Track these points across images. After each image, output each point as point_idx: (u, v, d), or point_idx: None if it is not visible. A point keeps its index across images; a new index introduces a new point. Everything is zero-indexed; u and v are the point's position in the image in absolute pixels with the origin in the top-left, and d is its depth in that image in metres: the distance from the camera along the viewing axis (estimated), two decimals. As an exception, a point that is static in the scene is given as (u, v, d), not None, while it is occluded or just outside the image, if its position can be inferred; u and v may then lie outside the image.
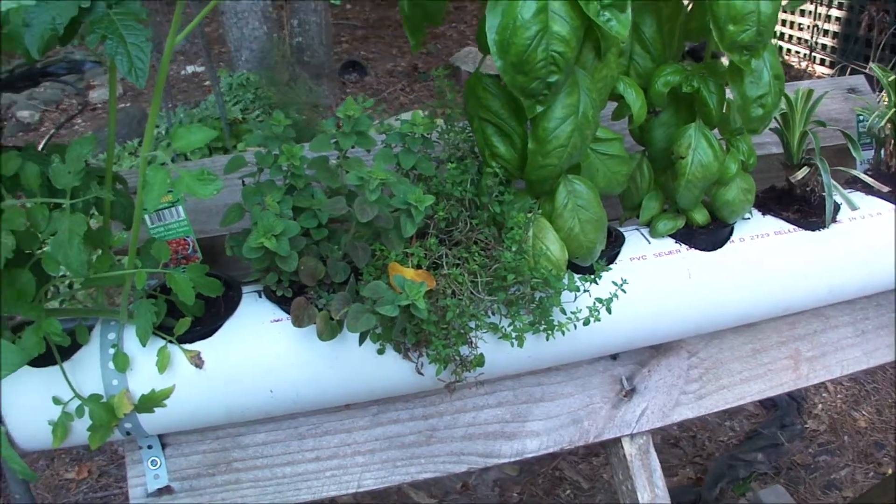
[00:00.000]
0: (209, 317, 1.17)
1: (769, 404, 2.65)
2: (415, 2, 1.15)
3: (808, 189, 1.34)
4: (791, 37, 5.63)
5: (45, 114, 5.29)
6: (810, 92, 1.35)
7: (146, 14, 0.87)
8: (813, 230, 1.33)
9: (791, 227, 1.33)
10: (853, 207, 1.30)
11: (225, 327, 1.16)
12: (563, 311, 1.17)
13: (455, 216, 1.20)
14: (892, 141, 1.42)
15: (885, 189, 1.38)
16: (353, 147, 1.15)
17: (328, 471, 1.27)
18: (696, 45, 1.32)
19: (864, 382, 2.85)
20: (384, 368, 1.17)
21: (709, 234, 1.29)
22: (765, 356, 1.43)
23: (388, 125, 1.25)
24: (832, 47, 5.21)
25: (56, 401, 1.07)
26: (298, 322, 1.13)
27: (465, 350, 1.15)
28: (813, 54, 5.33)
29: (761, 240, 1.31)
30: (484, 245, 1.17)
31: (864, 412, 2.70)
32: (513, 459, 1.31)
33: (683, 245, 1.28)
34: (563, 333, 1.16)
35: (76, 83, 5.67)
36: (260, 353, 1.14)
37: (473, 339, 1.16)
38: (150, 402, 1.08)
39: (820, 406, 2.71)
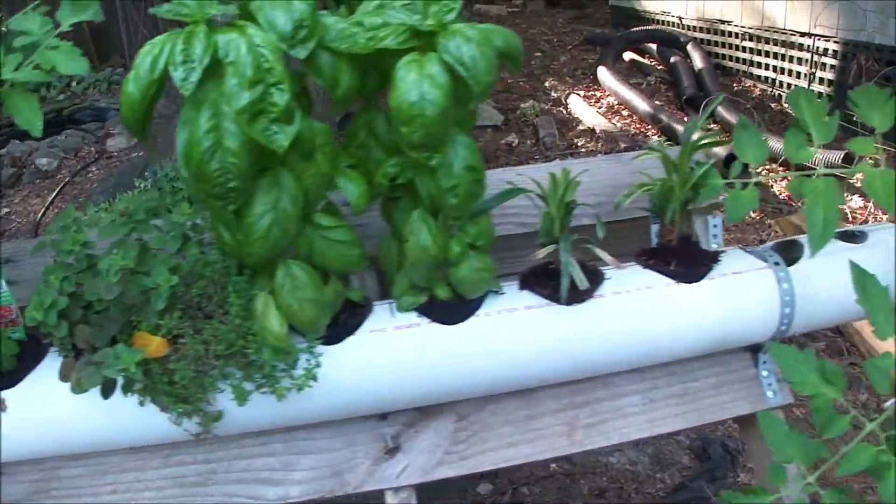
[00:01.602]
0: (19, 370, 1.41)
1: (704, 457, 2.63)
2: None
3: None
4: (789, 85, 5.50)
5: (64, 161, 5.44)
6: (566, 172, 1.43)
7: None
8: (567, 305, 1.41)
9: (545, 301, 1.42)
10: (580, 286, 1.37)
11: (27, 379, 1.39)
12: (292, 377, 1.33)
13: (210, 292, 1.38)
14: (665, 217, 1.48)
15: (611, 266, 1.44)
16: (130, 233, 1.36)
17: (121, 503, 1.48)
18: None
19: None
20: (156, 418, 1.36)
21: (452, 308, 1.40)
22: (538, 422, 1.51)
23: None
24: (828, 95, 5.08)
25: None
26: (64, 378, 1.35)
27: (210, 405, 1.33)
28: None
29: (508, 314, 1.40)
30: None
31: (798, 467, 2.62)
32: (276, 502, 1.47)
33: (425, 319, 1.40)
34: (282, 396, 1.32)
35: (96, 131, 5.80)
36: (56, 400, 1.35)
37: (211, 398, 1.34)
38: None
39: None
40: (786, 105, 5.50)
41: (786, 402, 1.63)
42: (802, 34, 5.44)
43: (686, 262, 1.48)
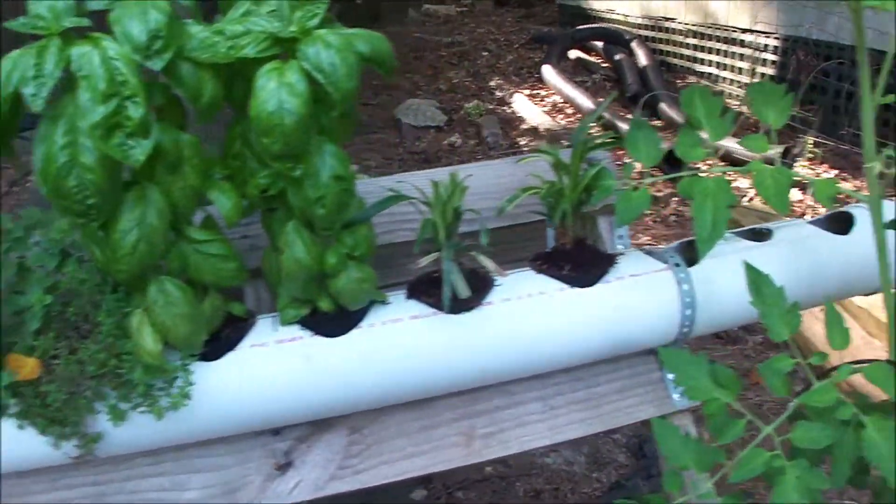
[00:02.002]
0: None
1: (640, 454, 2.62)
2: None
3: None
4: (732, 80, 5.57)
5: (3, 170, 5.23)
6: (453, 177, 1.40)
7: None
8: (455, 313, 1.38)
9: (431, 311, 1.39)
10: (460, 295, 1.34)
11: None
12: (170, 395, 1.29)
13: (87, 310, 1.33)
14: (561, 221, 1.45)
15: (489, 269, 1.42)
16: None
17: (8, 526, 1.43)
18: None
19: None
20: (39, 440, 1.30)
21: (335, 320, 1.36)
22: (434, 433, 1.48)
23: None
24: None
25: None
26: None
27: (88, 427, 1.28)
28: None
29: (392, 324, 1.37)
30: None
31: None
32: (168, 525, 1.43)
33: (308, 332, 1.36)
34: (160, 415, 1.28)
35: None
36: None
37: (89, 419, 1.29)
38: None
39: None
40: (728, 100, 5.53)
41: (692, 405, 1.61)
42: (744, 30, 5.48)
43: (580, 265, 1.45)
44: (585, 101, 5.21)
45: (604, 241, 1.69)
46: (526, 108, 5.50)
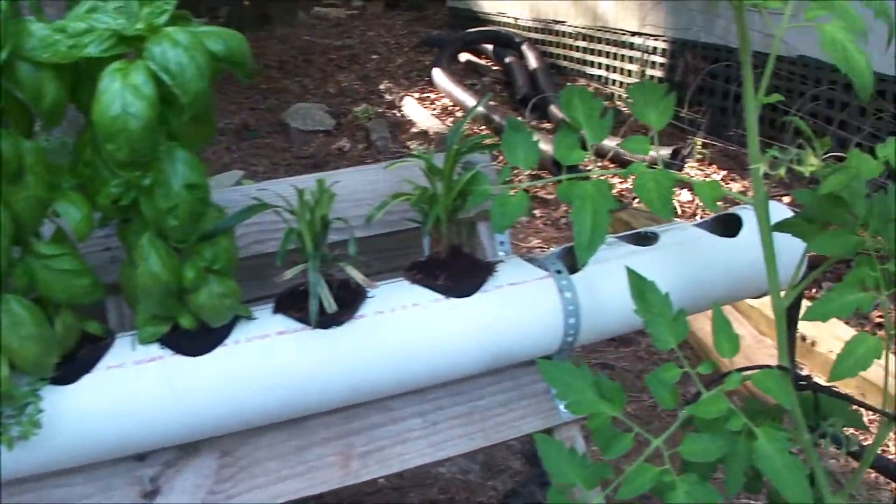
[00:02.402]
0: None
1: (535, 461, 2.60)
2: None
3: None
4: (621, 83, 5.71)
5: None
6: (320, 183, 1.34)
7: None
8: (325, 327, 1.31)
9: (300, 325, 1.32)
10: (329, 309, 1.27)
11: None
12: (21, 424, 1.19)
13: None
14: (435, 229, 1.40)
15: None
16: None
17: None
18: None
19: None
20: None
21: (198, 338, 1.28)
22: (309, 453, 1.41)
23: None
24: None
25: None
26: None
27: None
28: None
29: (259, 341, 1.29)
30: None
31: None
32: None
33: (169, 350, 1.27)
34: (10, 445, 1.17)
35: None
36: None
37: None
38: None
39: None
40: (618, 103, 5.60)
41: (580, 417, 1.57)
42: (633, 33, 5.56)
43: (456, 274, 1.40)
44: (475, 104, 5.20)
45: (484, 249, 1.64)
46: (416, 111, 5.46)
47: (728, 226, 1.70)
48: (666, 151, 4.26)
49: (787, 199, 3.56)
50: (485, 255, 1.62)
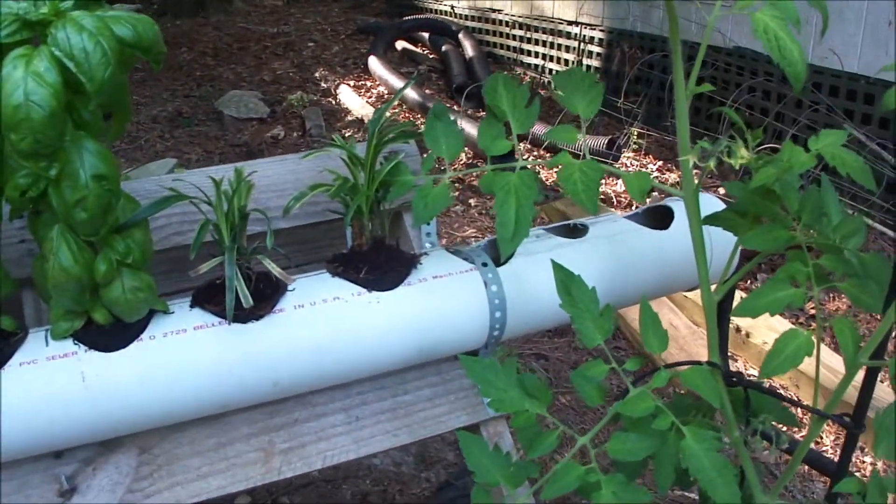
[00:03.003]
0: None
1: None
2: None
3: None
4: (557, 72, 5.76)
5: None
6: (238, 173, 1.30)
7: None
8: (243, 322, 1.28)
9: (217, 320, 1.29)
10: (246, 303, 1.24)
11: None
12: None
13: None
14: (357, 220, 1.38)
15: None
16: None
17: None
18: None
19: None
20: None
21: (113, 333, 1.24)
22: (230, 449, 1.38)
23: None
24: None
25: None
26: None
27: None
28: None
29: (175, 336, 1.26)
30: None
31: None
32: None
33: (83, 346, 1.24)
34: None
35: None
36: None
37: None
38: None
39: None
40: (557, 92, 5.61)
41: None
42: (570, 22, 5.57)
43: (379, 267, 1.37)
44: (410, 93, 5.17)
45: (410, 240, 1.62)
46: (351, 99, 5.41)
47: (660, 218, 1.70)
48: (601, 141, 4.27)
49: (722, 191, 3.60)
50: (411, 246, 1.60)
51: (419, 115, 5.15)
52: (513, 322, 1.47)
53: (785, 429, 1.94)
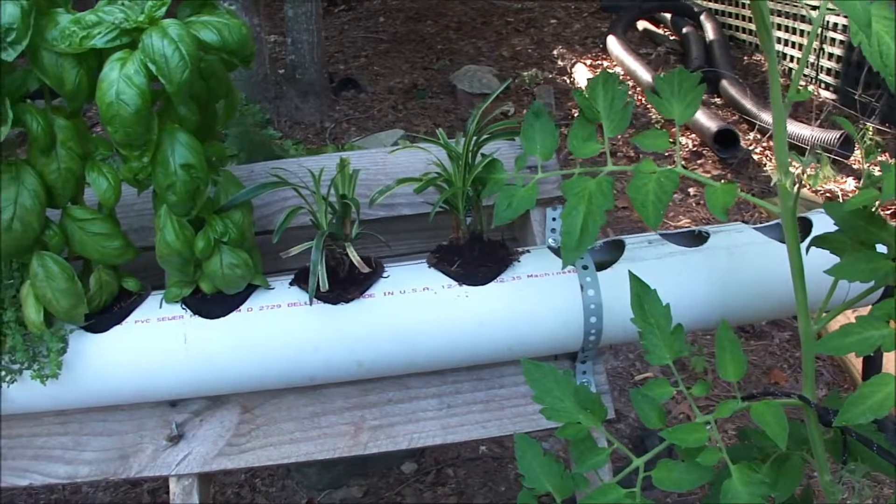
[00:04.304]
0: None
1: (641, 449, 2.56)
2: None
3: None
4: (797, 59, 5.25)
5: None
6: (343, 163, 1.40)
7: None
8: (333, 303, 1.38)
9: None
10: (323, 287, 1.33)
11: None
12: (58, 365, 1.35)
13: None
14: (454, 215, 1.42)
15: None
16: None
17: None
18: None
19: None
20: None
21: (216, 302, 1.38)
22: (323, 420, 1.49)
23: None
24: (836, 71, 4.80)
25: None
26: None
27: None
28: (819, 78, 4.97)
29: (269, 310, 1.38)
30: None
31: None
32: (66, 481, 1.48)
33: (189, 311, 1.39)
34: (43, 380, 1.35)
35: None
36: None
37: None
38: None
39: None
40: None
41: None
42: (813, 7, 5.20)
43: (472, 262, 1.41)
44: (645, 75, 5.06)
45: (534, 234, 1.64)
46: (585, 78, 5.38)
47: (800, 230, 1.59)
48: (834, 136, 3.99)
49: None
50: (535, 240, 1.62)
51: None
52: (610, 328, 1.44)
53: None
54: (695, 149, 4.43)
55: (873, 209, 1.12)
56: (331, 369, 1.41)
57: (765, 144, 4.42)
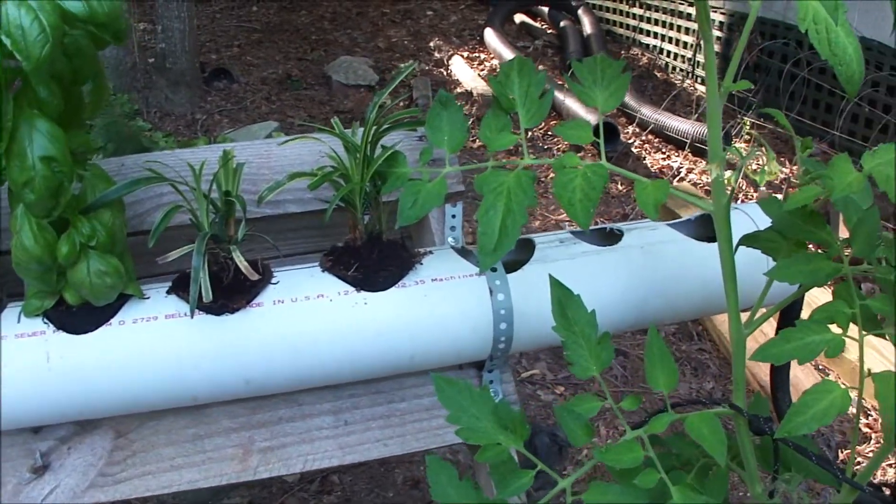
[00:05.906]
0: None
1: (530, 448, 2.48)
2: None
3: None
4: (676, 55, 5.41)
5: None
6: (226, 155, 1.24)
7: None
8: (217, 314, 1.23)
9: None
10: (206, 297, 1.18)
11: None
12: None
13: None
14: (350, 213, 1.29)
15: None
16: None
17: None
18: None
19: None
20: None
21: (82, 315, 1.21)
22: (208, 443, 1.33)
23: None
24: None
25: None
26: None
27: None
28: (696, 73, 5.12)
29: (145, 323, 1.22)
30: None
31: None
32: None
33: (51, 326, 1.21)
34: None
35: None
36: None
37: None
38: None
39: (584, 452, 2.54)
40: (671, 75, 5.37)
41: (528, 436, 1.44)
42: (690, 3, 5.30)
43: (372, 265, 1.28)
44: (522, 68, 5.03)
45: (432, 234, 1.53)
46: (463, 70, 5.32)
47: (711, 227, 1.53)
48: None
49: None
50: (432, 240, 1.51)
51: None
52: (521, 335, 1.35)
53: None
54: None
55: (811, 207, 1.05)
56: (215, 387, 1.25)
57: (643, 138, 4.45)
